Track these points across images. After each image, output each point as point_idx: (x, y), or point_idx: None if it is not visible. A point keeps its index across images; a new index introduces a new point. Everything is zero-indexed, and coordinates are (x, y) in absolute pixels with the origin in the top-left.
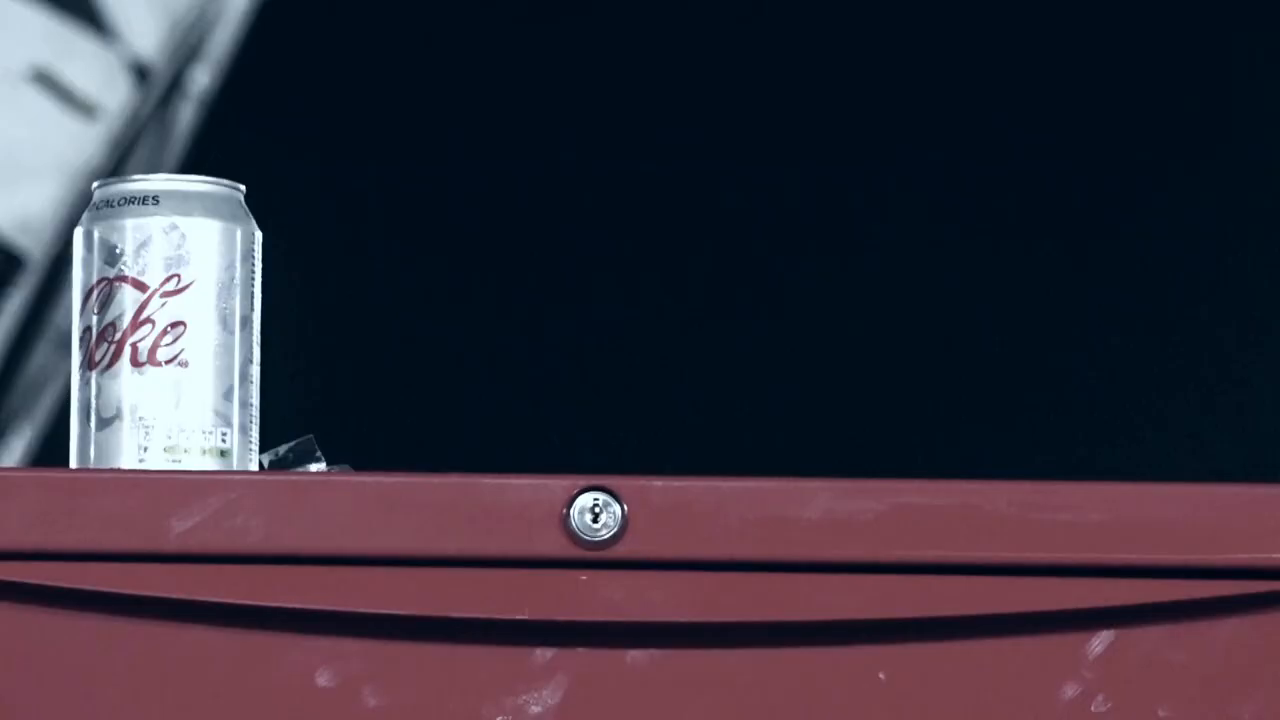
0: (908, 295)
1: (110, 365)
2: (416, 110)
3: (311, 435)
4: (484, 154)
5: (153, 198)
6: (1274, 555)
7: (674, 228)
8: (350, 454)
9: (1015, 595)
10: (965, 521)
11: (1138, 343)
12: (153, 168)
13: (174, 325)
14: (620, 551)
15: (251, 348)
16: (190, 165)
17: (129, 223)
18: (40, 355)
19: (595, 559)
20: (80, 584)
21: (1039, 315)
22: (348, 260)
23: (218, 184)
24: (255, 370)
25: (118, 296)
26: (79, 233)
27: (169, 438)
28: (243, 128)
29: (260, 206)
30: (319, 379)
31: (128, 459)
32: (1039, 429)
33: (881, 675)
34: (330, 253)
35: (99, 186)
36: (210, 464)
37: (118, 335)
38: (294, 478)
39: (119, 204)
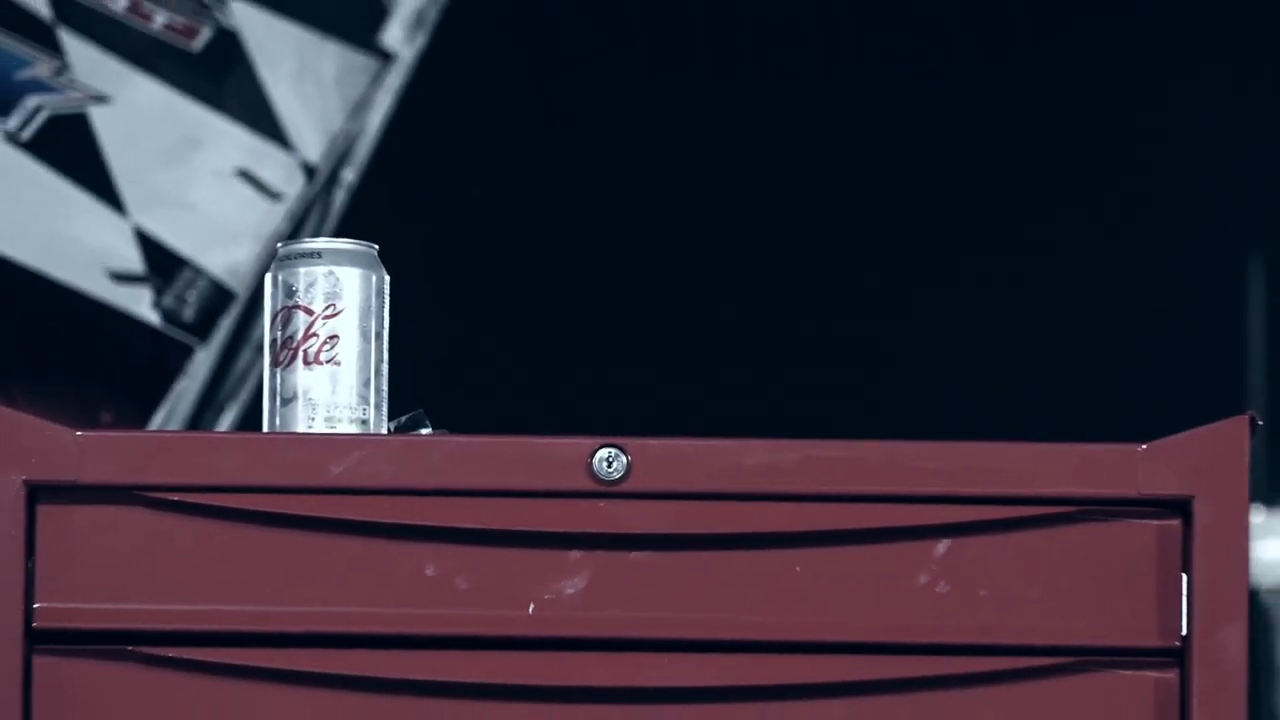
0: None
1: (289, 364)
2: (482, 189)
3: (421, 410)
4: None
5: (317, 254)
6: (1057, 489)
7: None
8: (447, 422)
9: (889, 515)
10: (856, 467)
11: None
12: (316, 233)
13: (331, 338)
14: (626, 488)
15: (382, 353)
16: (341, 231)
17: (301, 270)
18: (243, 359)
19: (609, 492)
20: (269, 508)
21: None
22: (439, 297)
23: (359, 244)
24: (384, 367)
25: (294, 319)
26: (269, 277)
27: (328, 413)
28: (376, 207)
29: (387, 259)
30: (426, 373)
31: (301, 427)
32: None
33: (798, 568)
34: (428, 293)
35: (281, 246)
36: (355, 430)
37: (294, 344)
38: (409, 438)
39: (295, 258)
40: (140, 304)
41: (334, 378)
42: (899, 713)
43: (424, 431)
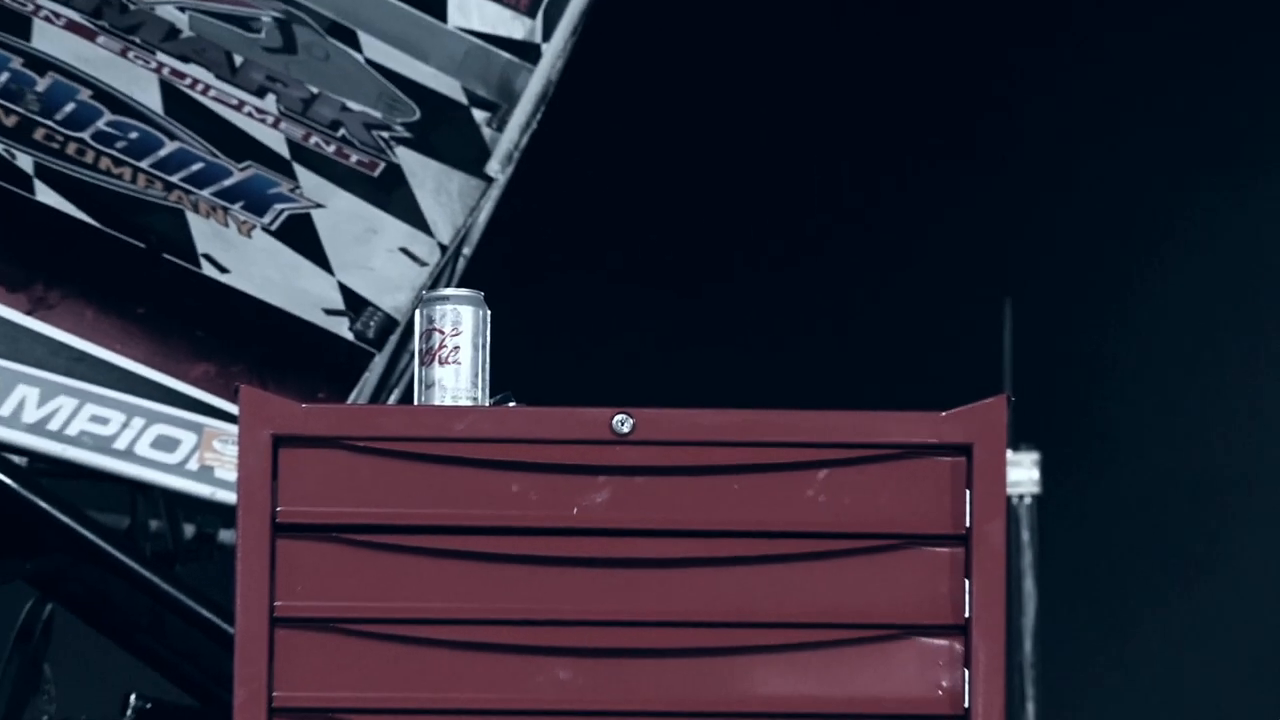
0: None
1: (430, 364)
2: (547, 261)
3: (509, 390)
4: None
5: (446, 298)
6: (893, 439)
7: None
8: (523, 398)
9: (792, 455)
10: (772, 426)
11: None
12: (446, 285)
13: (455, 348)
14: (633, 439)
15: (486, 356)
16: (462, 284)
17: (438, 307)
18: (403, 362)
19: (622, 441)
20: (419, 450)
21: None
22: (518, 323)
23: (472, 292)
24: (487, 365)
25: (433, 336)
26: (418, 312)
27: (453, 394)
28: (482, 270)
29: (489, 301)
30: (510, 369)
31: (437, 402)
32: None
33: (735, 487)
34: (512, 320)
35: (425, 293)
36: (469, 403)
37: (433, 352)
38: (501, 408)
39: (433, 300)
40: (341, 328)
41: (457, 372)
42: (796, 574)
43: (510, 404)
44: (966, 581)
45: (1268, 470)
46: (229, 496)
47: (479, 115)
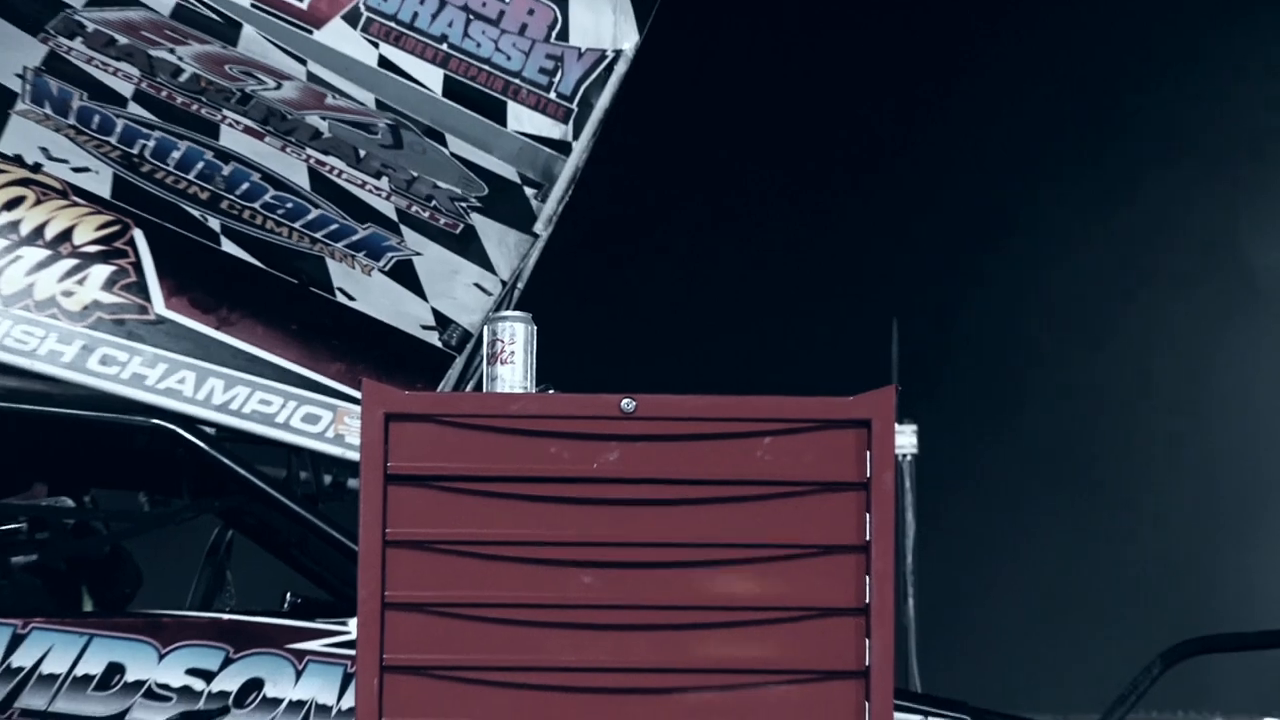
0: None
1: (493, 364)
2: (581, 295)
3: (549, 383)
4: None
5: (506, 318)
6: (816, 415)
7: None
8: (560, 387)
9: (745, 426)
10: (733, 407)
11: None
12: (505, 308)
13: (512, 353)
14: (636, 415)
15: (533, 358)
16: (516, 308)
17: (500, 324)
18: (475, 362)
19: (628, 418)
20: (486, 424)
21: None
22: (552, 338)
23: (524, 314)
24: (534, 365)
25: (496, 345)
26: (485, 327)
27: (510, 385)
28: (533, 298)
29: (537, 319)
30: (550, 367)
31: (500, 391)
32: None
33: (707, 448)
34: (551, 335)
35: (491, 314)
36: (521, 391)
37: (496, 355)
38: (545, 394)
39: (497, 320)
40: (433, 339)
41: (513, 370)
42: (749, 509)
43: (549, 391)
44: (867, 515)
45: (1086, 436)
46: (355, 455)
47: (528, 191)
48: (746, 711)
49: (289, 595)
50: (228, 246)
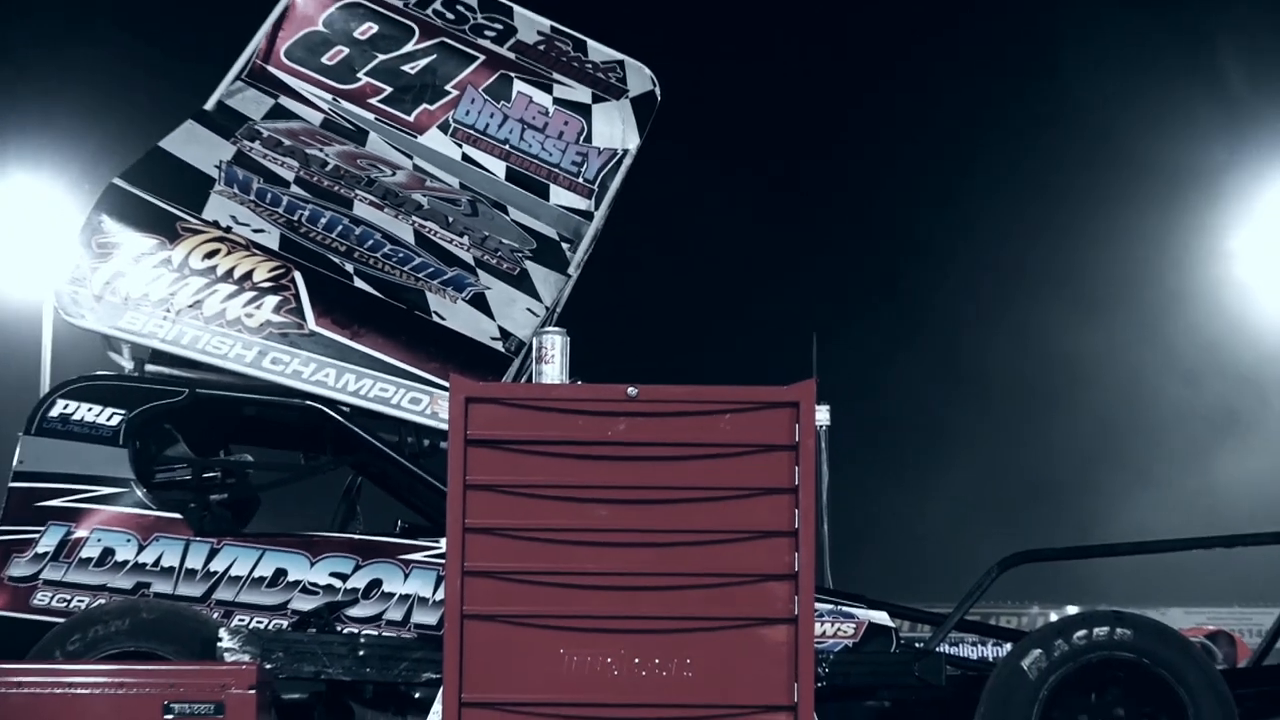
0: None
1: (540, 364)
2: (606, 315)
3: (579, 376)
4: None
5: (548, 332)
6: (760, 400)
7: None
8: (587, 379)
9: (716, 406)
10: (701, 394)
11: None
12: (548, 325)
13: (553, 356)
14: (639, 397)
15: (567, 361)
16: (556, 324)
17: (544, 337)
18: (528, 364)
19: (632, 400)
20: (539, 406)
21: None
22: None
23: (561, 329)
24: (568, 366)
25: (542, 350)
26: (534, 339)
27: (551, 379)
28: (568, 318)
29: (571, 333)
30: (580, 366)
31: (544, 383)
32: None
33: (688, 421)
34: (579, 344)
35: (538, 329)
36: (558, 383)
37: (541, 358)
38: (577, 385)
39: (542, 333)
40: (499, 347)
41: (553, 368)
42: (718, 464)
43: (578, 383)
44: (796, 468)
45: (978, 409)
46: (444, 426)
47: (564, 246)
48: (714, 601)
49: (399, 522)
50: (359, 284)
